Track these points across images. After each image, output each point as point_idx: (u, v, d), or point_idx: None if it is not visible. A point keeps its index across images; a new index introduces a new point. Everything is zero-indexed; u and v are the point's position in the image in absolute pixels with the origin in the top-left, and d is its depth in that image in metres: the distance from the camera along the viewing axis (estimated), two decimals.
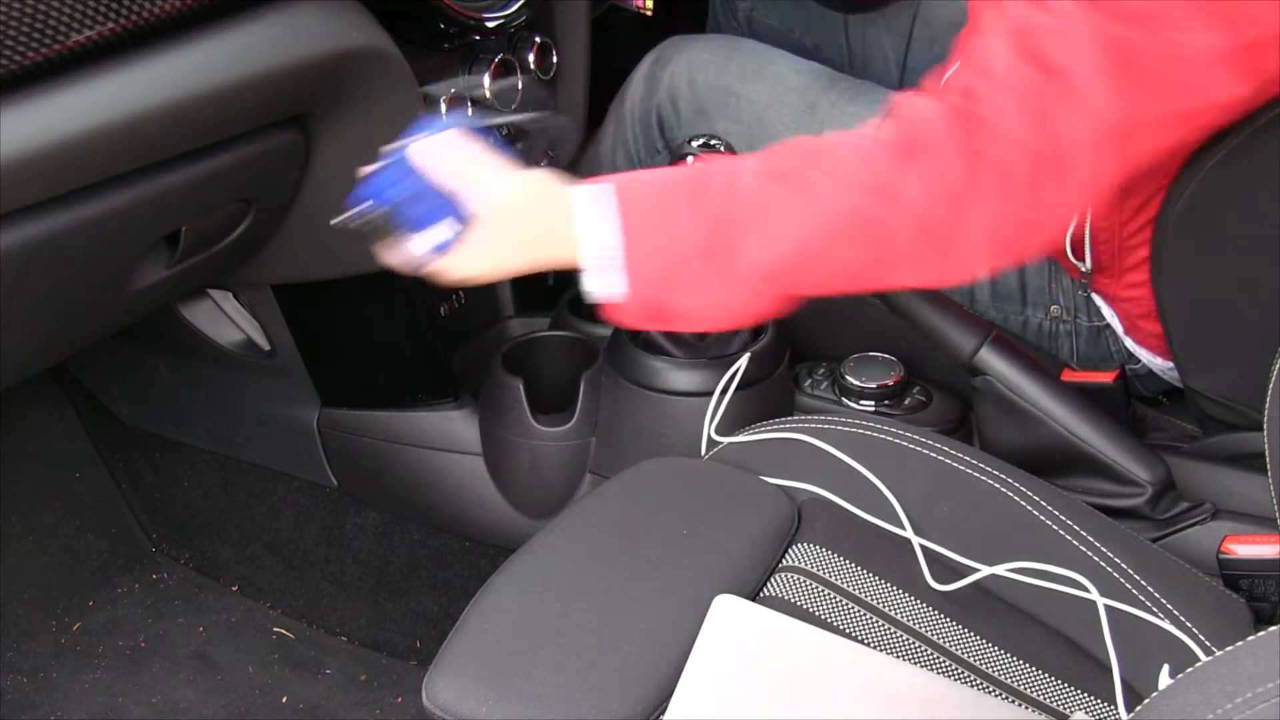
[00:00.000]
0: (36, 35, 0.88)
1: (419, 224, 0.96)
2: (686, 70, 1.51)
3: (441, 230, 0.96)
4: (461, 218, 0.95)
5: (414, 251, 0.97)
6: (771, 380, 1.31)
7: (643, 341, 1.32)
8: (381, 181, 0.97)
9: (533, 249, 0.97)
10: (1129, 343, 1.28)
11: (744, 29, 1.79)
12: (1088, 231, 1.19)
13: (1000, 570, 0.97)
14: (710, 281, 0.93)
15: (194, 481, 1.69)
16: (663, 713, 0.86)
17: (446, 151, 0.96)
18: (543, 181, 0.97)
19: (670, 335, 1.30)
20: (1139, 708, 0.65)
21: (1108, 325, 1.28)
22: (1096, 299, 1.28)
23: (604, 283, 0.94)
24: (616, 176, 0.96)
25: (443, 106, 0.99)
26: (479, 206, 0.95)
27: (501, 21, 1.31)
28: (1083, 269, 1.23)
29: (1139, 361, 1.28)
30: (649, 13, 1.61)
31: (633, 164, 1.58)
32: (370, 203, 0.98)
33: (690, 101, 1.50)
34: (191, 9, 0.99)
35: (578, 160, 1.65)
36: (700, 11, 1.86)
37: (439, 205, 0.95)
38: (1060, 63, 0.87)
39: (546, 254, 0.96)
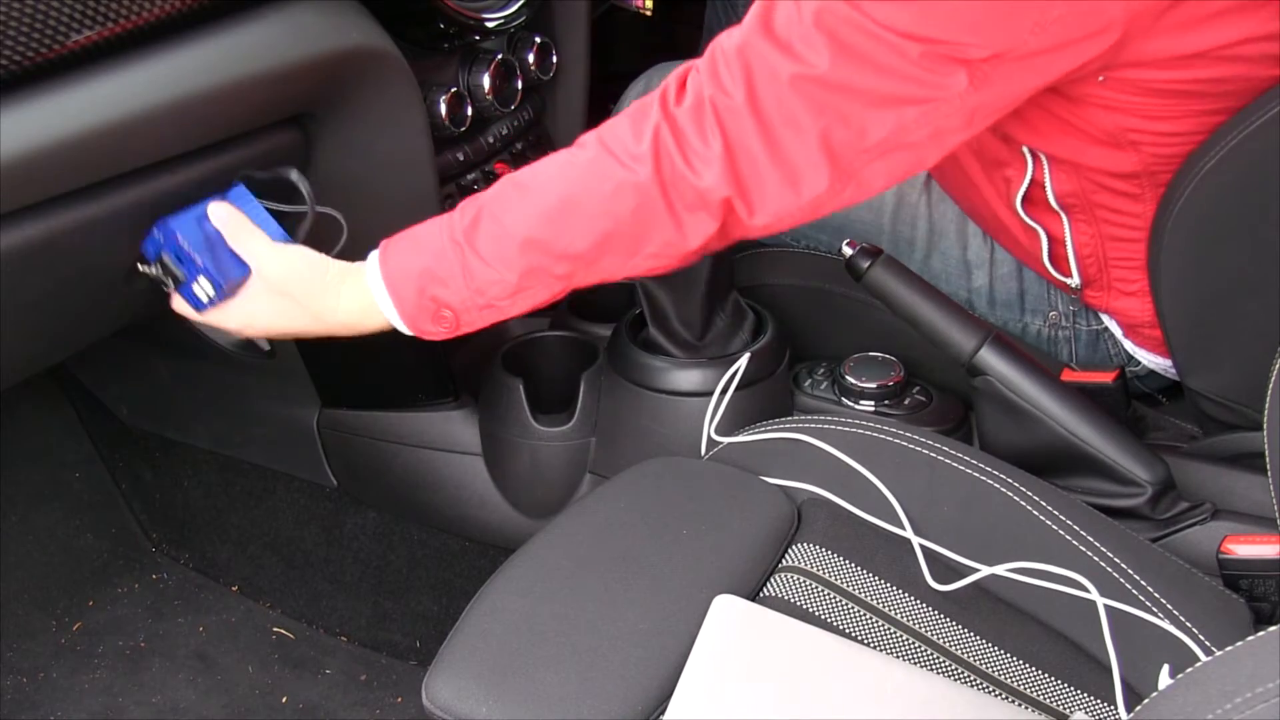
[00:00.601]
0: (36, 35, 0.88)
1: (190, 276, 1.05)
2: None
3: (205, 287, 1.05)
4: (223, 279, 1.05)
5: (182, 301, 1.08)
6: (771, 380, 1.31)
7: (643, 341, 1.32)
8: (175, 227, 1.05)
9: (312, 317, 1.07)
10: (1129, 345, 1.28)
11: None
12: (1070, 248, 1.20)
13: (1000, 570, 0.97)
14: (470, 263, 1.00)
15: (194, 481, 1.69)
16: (663, 713, 0.86)
17: (236, 216, 1.06)
18: (309, 255, 1.07)
19: (670, 335, 1.30)
20: (1139, 708, 0.65)
21: (1107, 329, 1.29)
22: None
23: (388, 310, 1.04)
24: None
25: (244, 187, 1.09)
26: (255, 272, 1.06)
27: (501, 21, 1.31)
28: (1071, 284, 1.23)
29: (1139, 363, 1.28)
30: (649, 13, 1.61)
31: None
32: (154, 246, 1.06)
33: None
34: (191, 9, 0.99)
35: None
36: (700, 11, 1.86)
37: (210, 264, 1.04)
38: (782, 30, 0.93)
39: (314, 316, 1.07)
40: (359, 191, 1.23)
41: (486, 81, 1.33)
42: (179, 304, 1.09)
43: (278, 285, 1.06)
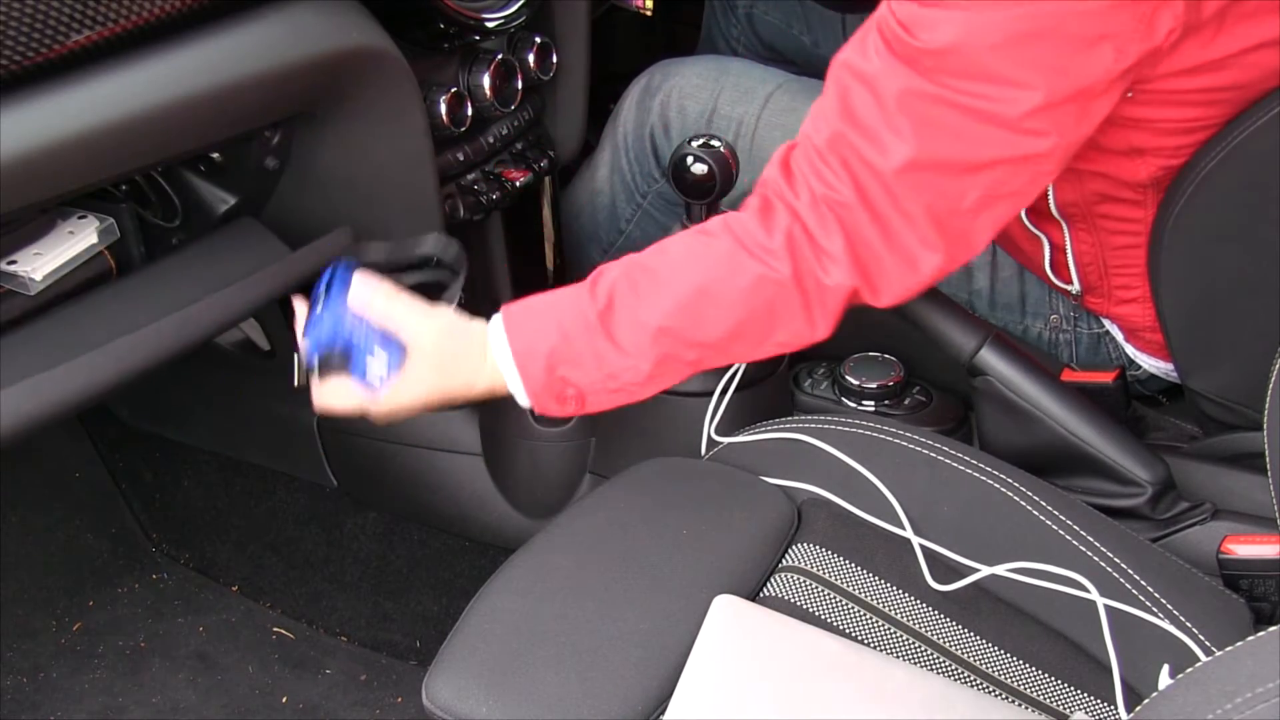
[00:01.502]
0: (36, 35, 0.88)
1: (359, 362, 1.02)
2: (676, 97, 1.51)
3: (378, 364, 1.02)
4: (396, 352, 1.01)
5: (359, 387, 1.03)
6: (771, 380, 1.31)
7: None
8: (323, 325, 1.02)
9: (452, 381, 1.05)
10: (1129, 349, 1.28)
11: (743, 27, 1.79)
12: (1070, 255, 1.20)
13: (1000, 570, 0.97)
14: (602, 348, 1.00)
15: (194, 481, 1.69)
16: (663, 713, 0.86)
17: (374, 292, 1.04)
18: (455, 320, 1.06)
19: None
20: (1139, 708, 0.65)
21: (1108, 332, 1.29)
22: None
23: (514, 384, 1.03)
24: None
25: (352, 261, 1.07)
26: (412, 342, 1.03)
27: (501, 21, 1.31)
28: (1072, 290, 1.23)
29: (1140, 367, 1.28)
30: (649, 13, 1.61)
31: (630, 192, 1.58)
32: (319, 347, 1.02)
33: (682, 129, 1.50)
34: (191, 9, 0.99)
35: (573, 176, 1.65)
36: (699, 11, 1.86)
37: (374, 342, 1.01)
38: (865, 117, 0.94)
39: (465, 384, 1.05)
40: (359, 191, 1.23)
41: (486, 81, 1.33)
42: (351, 389, 1.04)
43: (433, 353, 1.04)
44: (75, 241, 1.06)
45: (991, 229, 0.99)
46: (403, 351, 1.02)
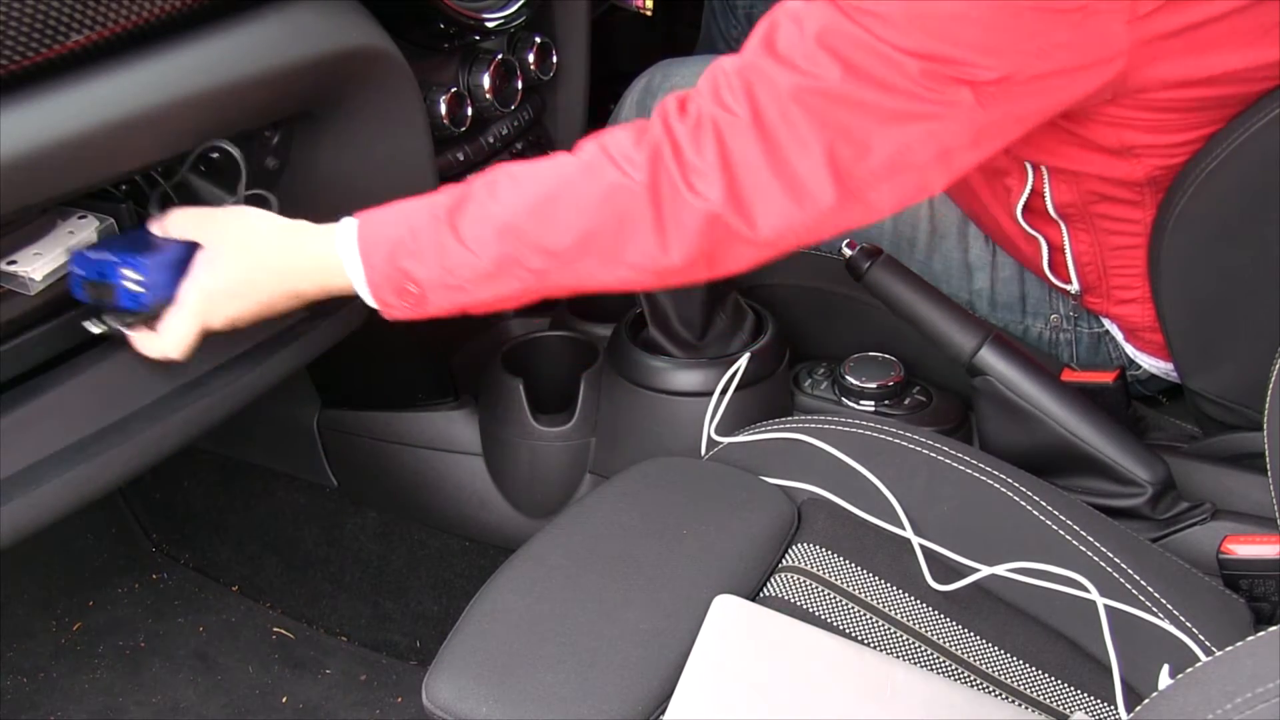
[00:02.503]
0: (36, 35, 0.88)
1: (118, 285, 1.02)
2: None
3: (132, 276, 1.01)
4: (159, 263, 1.02)
5: (129, 308, 1.03)
6: (771, 380, 1.31)
7: (643, 341, 1.32)
8: (74, 268, 1.03)
9: (277, 276, 1.04)
10: (1129, 349, 1.28)
11: (743, 27, 1.79)
12: (1069, 256, 1.20)
13: (1000, 570, 0.97)
14: (446, 241, 0.98)
15: (194, 481, 1.69)
16: (663, 713, 0.86)
17: (170, 216, 1.05)
18: (267, 215, 1.06)
19: (671, 335, 1.30)
20: (1139, 708, 0.65)
21: (1108, 332, 1.28)
22: None
23: (355, 273, 1.01)
24: None
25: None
26: (219, 230, 1.03)
27: (501, 21, 1.31)
28: (1071, 290, 1.23)
29: (1140, 367, 1.28)
30: (649, 12, 1.61)
31: None
32: (79, 288, 1.03)
33: None
34: (191, 9, 0.99)
35: None
36: (699, 11, 1.86)
37: (117, 265, 1.01)
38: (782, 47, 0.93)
39: (290, 279, 1.04)
40: (359, 191, 1.23)
41: (486, 81, 1.33)
42: (143, 340, 1.05)
43: (242, 239, 1.03)
44: (75, 241, 1.06)
45: (891, 202, 0.97)
46: (169, 260, 1.02)
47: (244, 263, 1.04)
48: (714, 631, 0.89)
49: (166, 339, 1.04)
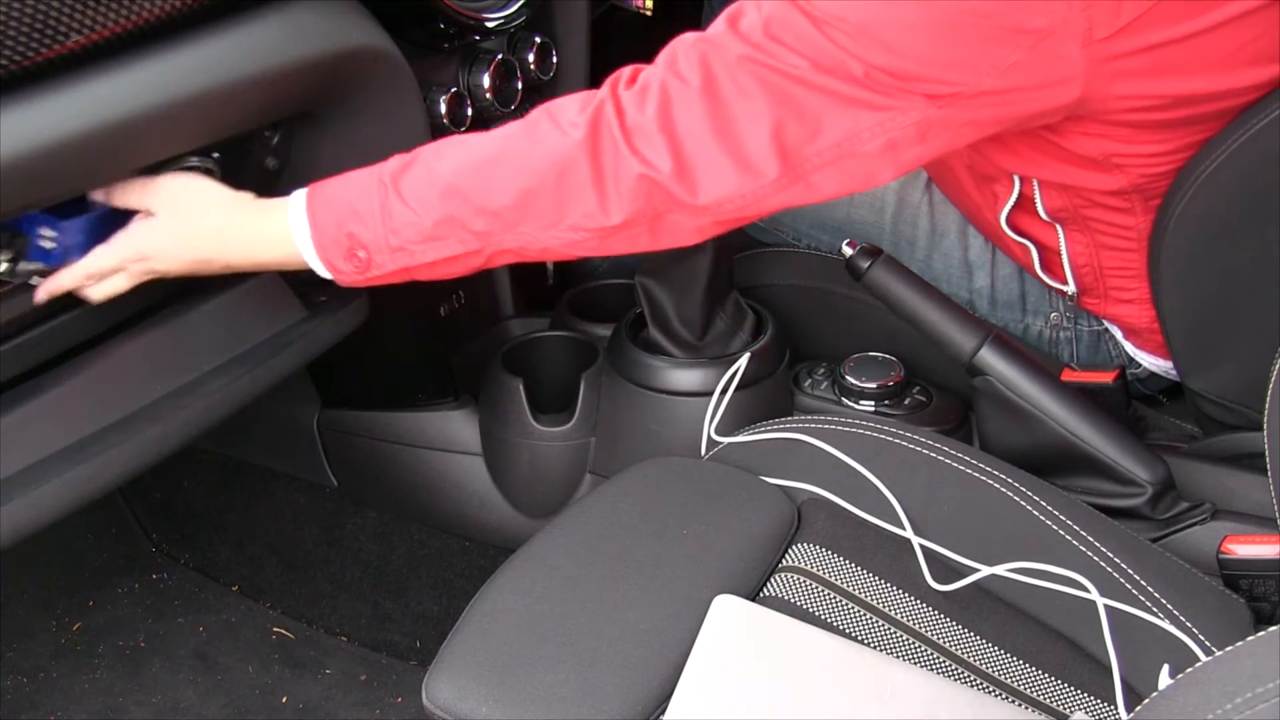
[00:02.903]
0: (36, 35, 0.88)
1: (32, 239, 1.01)
2: None
3: (47, 234, 1.01)
4: (75, 222, 1.01)
5: (42, 258, 1.02)
6: (771, 380, 1.31)
7: (643, 341, 1.32)
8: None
9: (219, 242, 1.04)
10: (1129, 348, 1.28)
11: None
12: (1065, 257, 1.20)
13: (1000, 570, 0.97)
14: (390, 203, 0.99)
15: (194, 481, 1.69)
16: (663, 713, 0.86)
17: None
18: (212, 184, 1.06)
19: (670, 335, 1.30)
20: (1139, 708, 0.65)
21: (1108, 330, 1.29)
22: None
23: (303, 239, 1.02)
24: None
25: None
26: (170, 195, 1.03)
27: (501, 21, 1.31)
28: (1068, 291, 1.23)
29: (1140, 365, 1.28)
30: (649, 12, 1.61)
31: None
32: None
33: None
34: (191, 9, 0.99)
35: None
36: (699, 11, 1.86)
37: (35, 224, 1.01)
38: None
39: (234, 246, 1.04)
40: None
41: (486, 81, 1.33)
42: (53, 280, 1.04)
43: (188, 203, 1.04)
44: None
45: (836, 186, 0.97)
46: (88, 224, 1.02)
47: (184, 226, 1.04)
48: (714, 631, 0.89)
49: (78, 272, 1.04)
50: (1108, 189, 1.10)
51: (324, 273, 1.04)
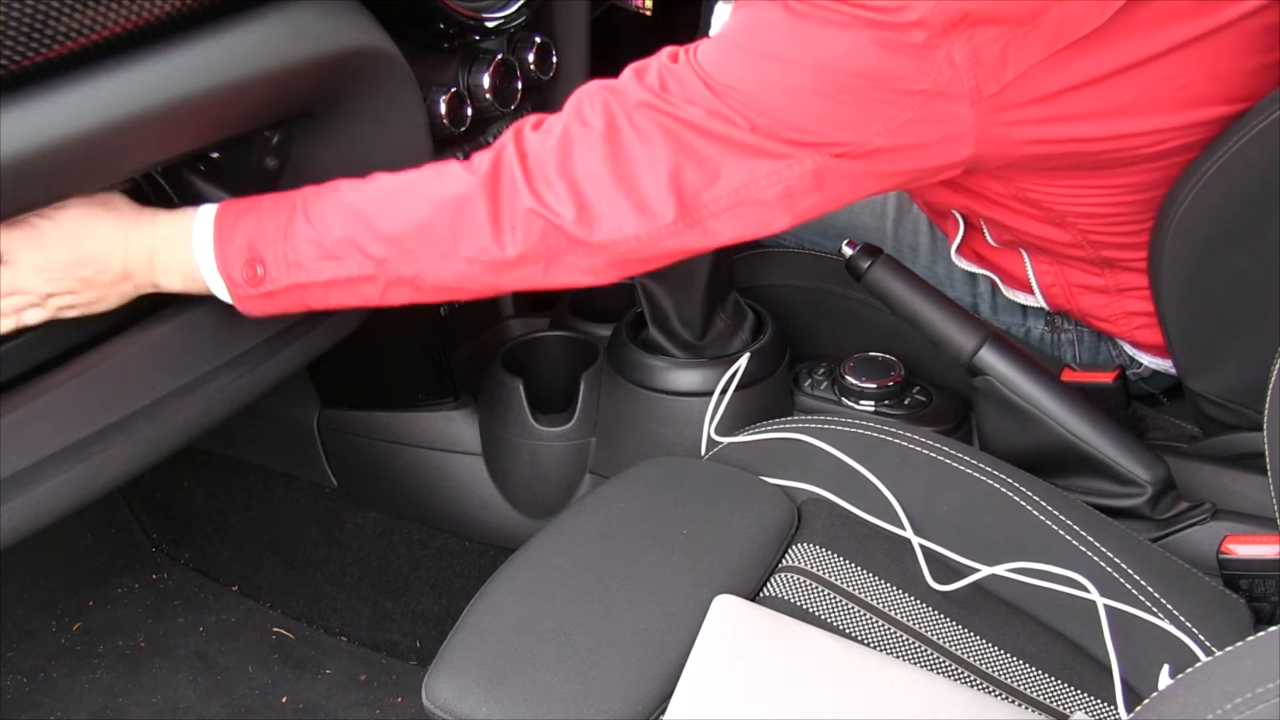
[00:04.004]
0: (36, 35, 0.88)
1: None
2: None
3: None
4: None
5: None
6: (771, 380, 1.31)
7: (643, 341, 1.32)
8: None
9: (120, 255, 1.02)
10: (1128, 347, 1.28)
11: None
12: (1032, 276, 1.22)
13: (1000, 570, 0.97)
14: (296, 221, 1.01)
15: (194, 481, 1.69)
16: (663, 713, 0.86)
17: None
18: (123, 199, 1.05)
19: (670, 335, 1.30)
20: (1139, 708, 0.65)
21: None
22: None
23: (204, 248, 1.03)
24: None
25: None
26: (54, 217, 1.00)
27: (501, 21, 1.31)
28: (1046, 308, 1.25)
29: (1141, 365, 1.28)
30: (649, 12, 1.61)
31: None
32: None
33: None
34: (191, 9, 0.99)
35: None
36: (699, 11, 1.86)
37: None
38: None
39: (133, 260, 1.02)
40: None
41: (486, 81, 1.33)
42: None
43: (83, 219, 1.01)
44: None
45: (732, 233, 0.98)
46: None
47: (84, 249, 1.01)
48: (714, 631, 0.89)
49: None
50: (1059, 240, 1.13)
51: (216, 282, 1.04)
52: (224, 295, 1.05)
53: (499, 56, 1.34)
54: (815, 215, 0.99)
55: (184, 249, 1.03)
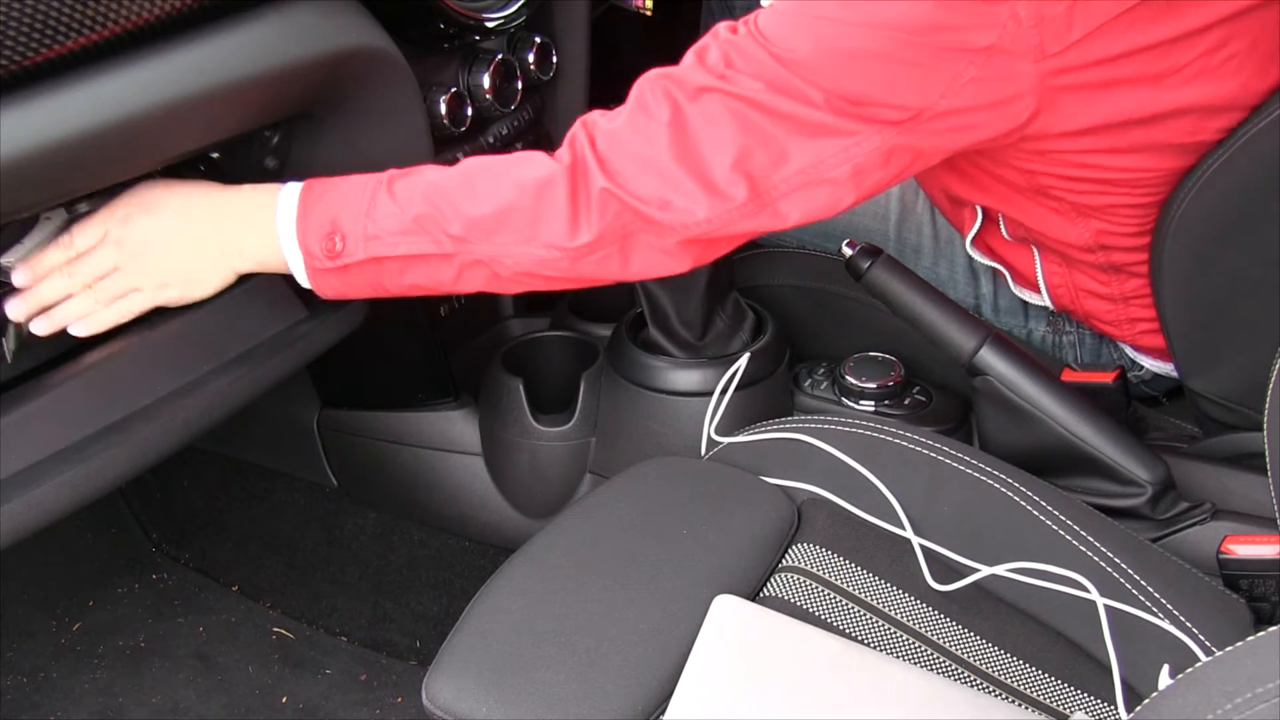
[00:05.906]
0: (36, 35, 0.88)
1: None
2: None
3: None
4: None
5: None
6: (771, 380, 1.31)
7: (643, 341, 1.32)
8: None
9: (225, 237, 1.05)
10: (1129, 349, 1.28)
11: None
12: (1040, 275, 1.23)
13: (1000, 570, 0.97)
14: (379, 197, 1.02)
15: (194, 481, 1.69)
16: (663, 713, 0.86)
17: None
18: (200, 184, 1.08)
19: (670, 335, 1.30)
20: (1139, 708, 0.65)
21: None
22: None
23: (286, 218, 1.04)
24: None
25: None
26: (158, 196, 1.05)
27: (501, 21, 1.31)
28: (1050, 307, 1.25)
29: (1142, 368, 1.28)
30: (649, 12, 1.61)
31: None
32: None
33: None
34: (191, 9, 0.99)
35: None
36: (699, 11, 1.86)
37: None
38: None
39: (238, 241, 1.06)
40: None
41: (486, 81, 1.33)
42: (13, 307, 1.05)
43: (187, 192, 1.06)
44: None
45: (801, 213, 0.99)
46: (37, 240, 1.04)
47: (185, 216, 1.06)
48: (714, 631, 0.89)
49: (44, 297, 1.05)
50: (1075, 243, 1.13)
51: (294, 256, 1.05)
52: (300, 271, 1.06)
53: (499, 57, 1.34)
54: (880, 191, 1.00)
55: (267, 219, 1.04)
